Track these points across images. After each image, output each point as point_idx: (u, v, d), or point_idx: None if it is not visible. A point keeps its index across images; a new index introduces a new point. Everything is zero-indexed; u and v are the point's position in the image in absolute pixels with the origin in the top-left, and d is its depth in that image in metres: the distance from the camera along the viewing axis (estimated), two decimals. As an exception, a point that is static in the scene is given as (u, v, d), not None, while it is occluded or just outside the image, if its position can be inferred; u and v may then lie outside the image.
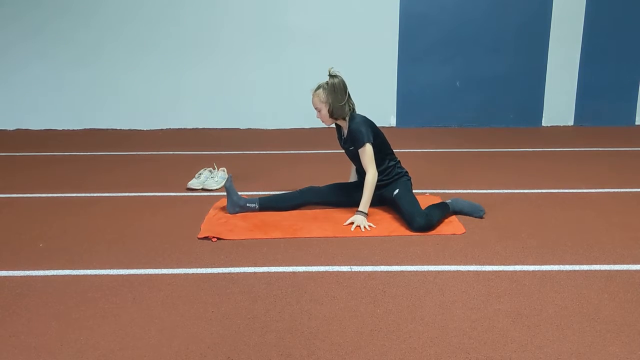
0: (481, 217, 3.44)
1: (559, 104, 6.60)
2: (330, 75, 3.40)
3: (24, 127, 6.58)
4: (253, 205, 3.54)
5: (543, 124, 6.66)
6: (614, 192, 3.99)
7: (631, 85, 6.58)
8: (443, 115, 6.64)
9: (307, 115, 6.33)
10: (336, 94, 3.36)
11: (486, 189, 4.05)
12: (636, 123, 6.65)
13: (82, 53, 6.45)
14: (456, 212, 3.48)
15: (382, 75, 6.51)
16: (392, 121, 6.62)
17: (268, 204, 3.57)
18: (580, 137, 6.03)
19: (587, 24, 6.41)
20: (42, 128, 6.57)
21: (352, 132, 3.37)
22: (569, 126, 6.63)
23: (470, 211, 3.47)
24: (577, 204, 3.74)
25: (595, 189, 4.05)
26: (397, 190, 3.42)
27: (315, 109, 3.44)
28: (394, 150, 3.60)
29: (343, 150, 3.60)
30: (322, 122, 3.50)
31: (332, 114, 3.40)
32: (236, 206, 3.52)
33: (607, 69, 6.52)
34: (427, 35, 6.42)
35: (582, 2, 6.36)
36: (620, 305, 2.38)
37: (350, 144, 3.44)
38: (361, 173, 3.51)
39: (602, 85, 6.56)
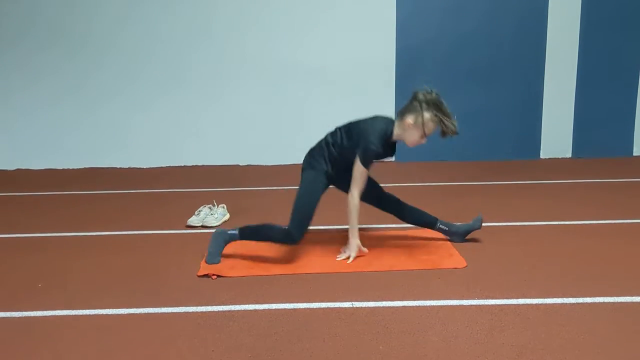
0: (479, 228, 3.53)
1: (557, 136, 6.64)
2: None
3: (24, 167, 6.60)
4: (234, 231, 3.29)
5: (541, 156, 6.69)
6: (615, 223, 3.98)
7: (627, 116, 6.63)
8: (441, 149, 6.67)
9: (306, 151, 6.37)
10: None
11: (486, 222, 4.03)
12: (634, 154, 6.68)
13: (79, 92, 6.51)
14: (452, 233, 3.55)
15: (380, 111, 6.53)
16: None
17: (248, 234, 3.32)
18: (579, 168, 6.04)
19: (581, 55, 6.50)
20: (43, 168, 6.59)
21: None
22: (567, 158, 6.66)
23: (469, 228, 3.55)
24: (579, 235, 3.72)
25: (597, 220, 4.04)
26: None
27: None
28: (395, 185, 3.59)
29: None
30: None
31: None
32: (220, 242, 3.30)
33: (602, 100, 6.58)
34: (423, 70, 6.50)
35: (576, 34, 6.46)
36: (628, 337, 2.35)
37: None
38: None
39: (598, 116, 6.61)
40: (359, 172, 3.21)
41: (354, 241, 3.29)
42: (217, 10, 6.41)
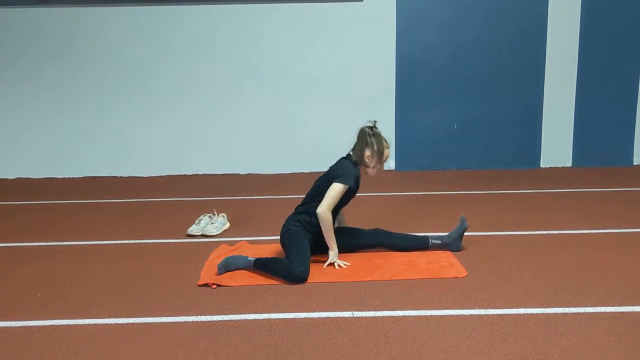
0: (467, 226, 3.57)
1: (557, 145, 6.64)
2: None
3: (24, 176, 6.60)
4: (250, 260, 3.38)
5: (541, 165, 6.69)
6: (615, 232, 3.98)
7: (627, 125, 6.64)
8: (441, 158, 6.68)
9: (306, 160, 6.41)
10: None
11: (486, 232, 4.04)
12: (634, 163, 6.68)
13: (80, 102, 6.52)
14: (447, 244, 3.55)
15: (381, 120, 6.52)
16: (391, 165, 6.65)
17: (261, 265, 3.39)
18: (579, 178, 6.04)
19: (581, 64, 6.52)
20: (42, 177, 6.59)
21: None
22: (567, 167, 6.66)
23: (460, 232, 3.55)
24: (578, 245, 3.72)
25: (597, 229, 4.04)
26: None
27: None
28: (395, 193, 3.60)
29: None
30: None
31: None
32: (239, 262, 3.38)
33: (603, 109, 6.59)
34: (423, 80, 6.52)
35: (575, 43, 6.48)
36: (627, 347, 2.34)
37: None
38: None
39: (598, 126, 6.62)
40: (335, 190, 3.32)
41: (333, 248, 3.35)
42: (219, 23, 6.43)
